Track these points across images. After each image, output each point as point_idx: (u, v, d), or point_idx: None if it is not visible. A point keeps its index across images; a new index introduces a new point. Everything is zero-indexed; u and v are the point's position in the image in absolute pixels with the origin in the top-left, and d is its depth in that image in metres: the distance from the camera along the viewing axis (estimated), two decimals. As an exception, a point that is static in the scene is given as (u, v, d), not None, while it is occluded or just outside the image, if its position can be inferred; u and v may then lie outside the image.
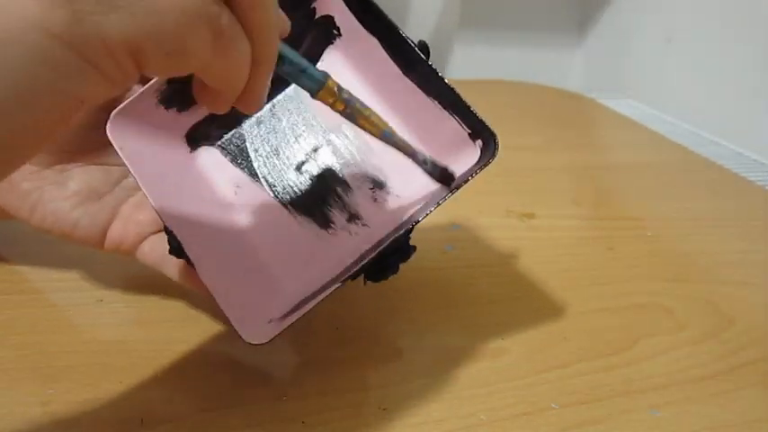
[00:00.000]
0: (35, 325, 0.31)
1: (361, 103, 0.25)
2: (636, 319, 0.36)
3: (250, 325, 0.26)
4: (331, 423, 0.27)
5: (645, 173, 0.61)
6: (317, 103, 0.24)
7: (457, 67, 0.99)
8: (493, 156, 0.28)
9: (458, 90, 0.29)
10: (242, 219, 0.31)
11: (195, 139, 0.32)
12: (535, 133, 0.70)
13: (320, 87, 0.23)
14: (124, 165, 0.28)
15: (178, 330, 0.32)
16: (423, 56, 0.29)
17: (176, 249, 0.28)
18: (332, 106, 0.24)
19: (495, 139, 0.28)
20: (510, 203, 0.49)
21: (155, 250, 0.30)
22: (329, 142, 0.32)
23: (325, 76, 0.23)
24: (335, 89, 0.24)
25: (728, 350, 0.34)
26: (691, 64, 0.83)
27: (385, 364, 0.31)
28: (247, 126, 0.33)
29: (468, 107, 0.28)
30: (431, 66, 0.29)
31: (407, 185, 0.31)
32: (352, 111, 0.25)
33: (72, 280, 0.35)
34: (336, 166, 0.32)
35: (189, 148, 0.32)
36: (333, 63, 0.32)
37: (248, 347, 0.31)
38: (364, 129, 0.26)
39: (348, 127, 0.32)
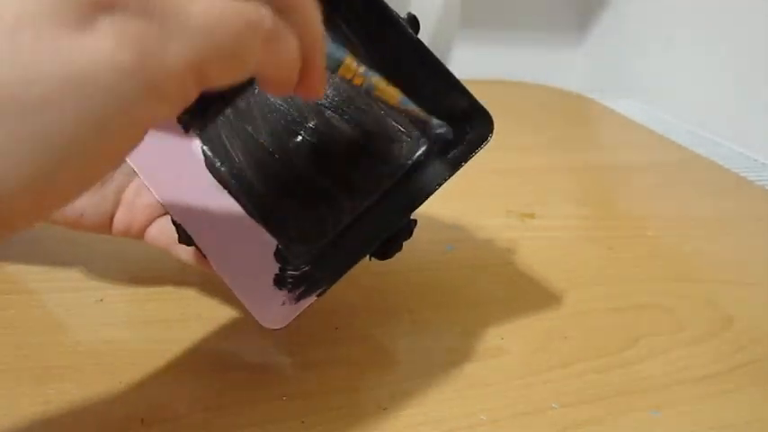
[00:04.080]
0: (35, 325, 0.31)
1: (376, 75, 0.26)
2: (636, 319, 0.36)
3: (266, 310, 0.27)
4: (331, 423, 0.27)
5: (645, 173, 0.61)
6: None
7: (457, 67, 0.99)
8: (489, 133, 0.28)
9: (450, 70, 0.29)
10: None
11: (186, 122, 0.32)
12: (535, 133, 0.70)
13: (339, 65, 0.24)
14: None
15: (178, 330, 0.32)
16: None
17: (186, 239, 0.29)
18: (350, 81, 0.25)
19: (489, 119, 0.28)
20: (510, 203, 0.49)
21: (163, 233, 0.31)
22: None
23: (344, 52, 0.24)
24: (354, 65, 0.24)
25: (728, 350, 0.34)
26: (691, 64, 0.83)
27: (385, 364, 0.31)
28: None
29: (460, 87, 0.28)
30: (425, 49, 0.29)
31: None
32: (369, 84, 0.25)
33: (72, 280, 0.35)
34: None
35: (183, 131, 0.32)
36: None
37: (248, 347, 0.31)
38: (381, 99, 0.26)
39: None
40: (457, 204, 0.48)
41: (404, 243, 0.30)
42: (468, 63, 0.99)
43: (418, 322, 0.34)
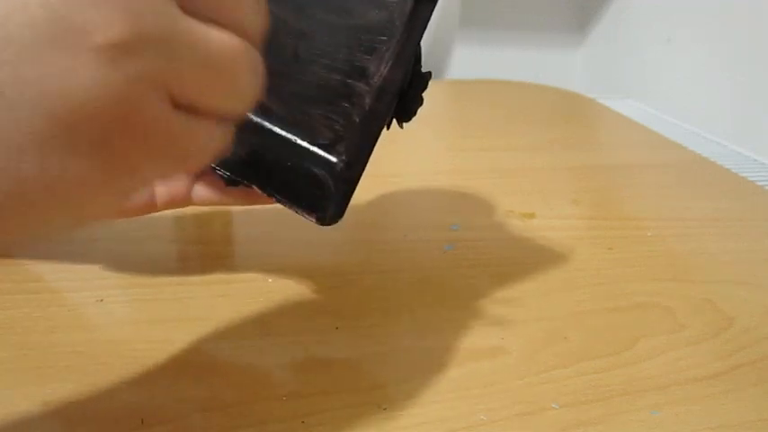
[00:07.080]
0: (35, 325, 0.31)
1: None
2: (636, 319, 0.36)
3: (320, 211, 0.29)
4: (331, 423, 0.27)
5: (645, 173, 0.61)
6: None
7: (457, 67, 0.99)
8: None
9: None
10: None
11: None
12: (535, 133, 0.70)
13: None
14: None
15: (178, 330, 0.32)
16: None
17: (230, 180, 0.30)
18: None
19: None
20: (510, 203, 0.49)
21: (209, 188, 0.31)
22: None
23: None
24: None
25: (728, 350, 0.34)
26: (691, 64, 0.83)
27: (385, 364, 0.31)
28: None
29: None
30: None
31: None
32: None
33: (72, 280, 0.35)
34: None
35: None
36: None
37: (247, 347, 0.31)
38: None
39: None
40: (457, 204, 0.48)
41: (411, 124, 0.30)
42: (469, 63, 0.99)
43: (418, 322, 0.34)
